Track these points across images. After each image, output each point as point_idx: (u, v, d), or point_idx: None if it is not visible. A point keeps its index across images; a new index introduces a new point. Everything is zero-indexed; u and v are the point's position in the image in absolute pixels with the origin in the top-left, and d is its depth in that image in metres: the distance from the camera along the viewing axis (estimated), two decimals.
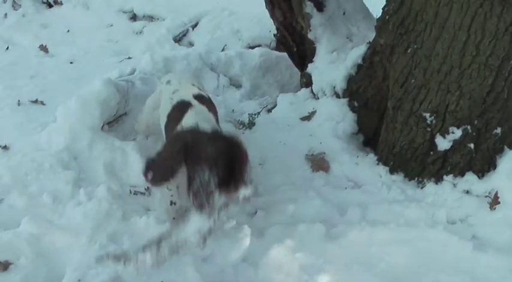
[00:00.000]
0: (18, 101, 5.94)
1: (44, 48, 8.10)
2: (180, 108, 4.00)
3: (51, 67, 7.30)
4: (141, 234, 3.87)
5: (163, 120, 4.17)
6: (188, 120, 3.77)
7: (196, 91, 4.25)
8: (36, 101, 5.98)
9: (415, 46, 4.33)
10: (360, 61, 5.10)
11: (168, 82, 4.50)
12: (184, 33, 8.47)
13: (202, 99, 4.16)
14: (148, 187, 4.47)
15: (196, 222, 3.35)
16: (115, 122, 5.22)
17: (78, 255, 3.68)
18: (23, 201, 4.13)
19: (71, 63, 7.60)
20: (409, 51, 4.38)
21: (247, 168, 3.48)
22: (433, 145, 4.40)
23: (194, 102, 4.05)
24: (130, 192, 4.47)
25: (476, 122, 4.24)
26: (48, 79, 6.78)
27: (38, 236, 3.78)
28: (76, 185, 4.32)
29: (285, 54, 6.51)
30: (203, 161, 3.32)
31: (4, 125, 5.43)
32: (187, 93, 4.19)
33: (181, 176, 3.45)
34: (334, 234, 3.98)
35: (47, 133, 4.83)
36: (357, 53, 5.13)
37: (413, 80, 4.38)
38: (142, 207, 4.33)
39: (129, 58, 7.45)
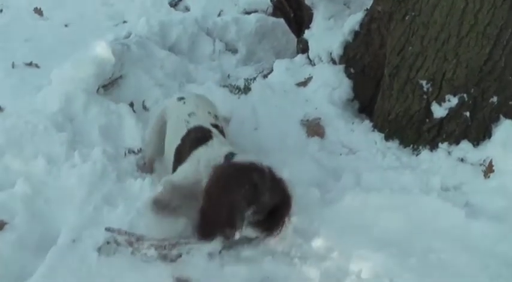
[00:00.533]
0: (13, 63, 5.95)
1: (38, 11, 8.02)
2: (199, 134, 3.87)
3: (46, 30, 7.29)
4: (135, 197, 3.92)
5: (173, 141, 4.01)
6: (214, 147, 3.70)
7: (213, 121, 4.09)
8: (30, 64, 6.00)
9: (413, 13, 4.35)
10: (357, 28, 5.11)
11: (182, 100, 4.29)
12: None
13: (218, 129, 4.02)
14: (141, 148, 4.53)
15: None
16: (110, 85, 5.23)
17: (73, 216, 3.71)
18: (18, 162, 4.15)
19: (66, 26, 7.59)
20: (407, 18, 4.40)
21: (288, 220, 3.48)
22: (429, 113, 4.43)
23: (215, 131, 3.93)
24: (125, 155, 4.50)
25: (472, 90, 4.27)
26: (43, 42, 6.78)
27: (32, 196, 3.82)
28: (71, 147, 4.34)
29: (281, 20, 6.52)
30: (256, 202, 3.25)
31: None
32: (205, 120, 4.04)
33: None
34: (329, 199, 4.01)
35: (42, 95, 4.85)
36: (354, 19, 5.13)
37: (410, 48, 4.39)
38: (136, 170, 4.36)
39: (125, 22, 7.45)
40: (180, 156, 3.86)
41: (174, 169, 3.85)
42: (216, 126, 4.03)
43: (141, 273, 3.27)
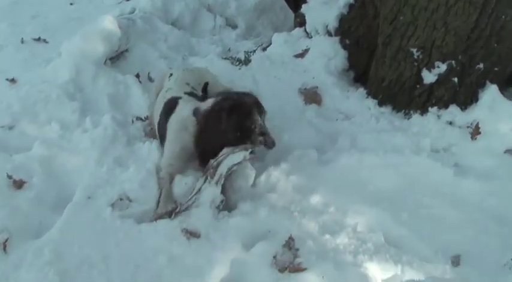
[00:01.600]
0: (22, 38, 6.17)
1: None
2: (167, 106, 4.26)
3: (52, 8, 7.48)
4: (145, 159, 4.16)
5: (156, 118, 4.40)
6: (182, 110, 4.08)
7: (188, 90, 4.48)
8: (39, 39, 6.22)
9: None
10: (351, 1, 5.30)
11: (170, 77, 4.71)
12: None
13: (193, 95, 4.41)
14: (147, 115, 4.76)
15: (208, 194, 3.68)
16: (117, 58, 5.48)
17: (87, 176, 3.94)
18: (33, 128, 4.40)
19: (71, 4, 7.79)
20: None
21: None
22: (419, 79, 4.63)
23: (183, 96, 4.31)
24: (133, 122, 4.73)
25: (460, 57, 4.47)
26: (50, 19, 6.99)
27: (49, 158, 4.07)
28: (82, 114, 4.59)
29: None
30: (251, 107, 3.81)
31: (9, 60, 5.69)
32: (179, 91, 4.43)
33: None
34: (326, 159, 4.23)
35: (53, 67, 5.10)
36: None
37: (402, 17, 4.58)
38: (144, 135, 4.60)
39: (128, 0, 7.58)
40: (160, 130, 4.25)
41: (162, 144, 4.22)
42: (191, 93, 4.41)
43: (151, 225, 3.52)
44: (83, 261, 3.26)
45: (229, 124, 3.79)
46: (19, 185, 3.79)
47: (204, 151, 3.90)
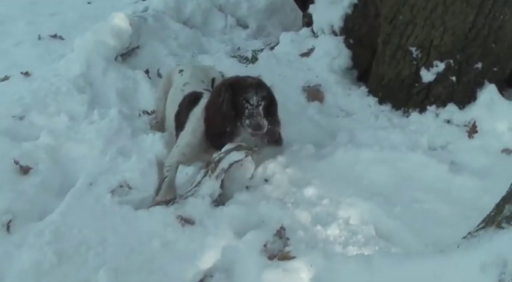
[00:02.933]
0: (39, 35, 6.38)
1: None
2: (192, 97, 4.40)
3: (69, 6, 7.73)
4: (147, 149, 4.31)
5: (172, 108, 4.53)
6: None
7: (205, 87, 4.65)
8: (55, 36, 6.44)
9: None
10: (355, 0, 5.39)
11: (181, 72, 4.83)
12: None
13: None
14: (153, 110, 4.90)
15: (207, 187, 3.81)
16: (128, 54, 5.63)
17: (90, 165, 4.10)
18: (42, 118, 4.56)
19: (89, 3, 8.03)
20: None
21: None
22: (418, 77, 4.72)
23: (206, 92, 4.45)
24: (139, 115, 4.87)
25: (458, 56, 4.55)
26: (67, 17, 7.21)
27: (55, 147, 4.23)
28: (90, 107, 4.75)
29: None
30: (249, 86, 3.87)
31: (26, 55, 5.91)
32: (198, 87, 4.59)
33: None
34: (323, 153, 4.33)
35: (65, 61, 5.28)
36: None
37: (401, 17, 4.68)
38: (149, 128, 4.73)
39: (144, 0, 7.75)
40: (179, 120, 4.36)
41: (177, 134, 4.34)
42: (208, 90, 4.54)
43: (147, 211, 3.66)
44: (81, 242, 3.40)
45: (225, 98, 3.92)
46: (25, 171, 3.95)
47: (209, 131, 4.05)
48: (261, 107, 3.90)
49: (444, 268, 2.13)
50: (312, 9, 5.93)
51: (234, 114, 3.93)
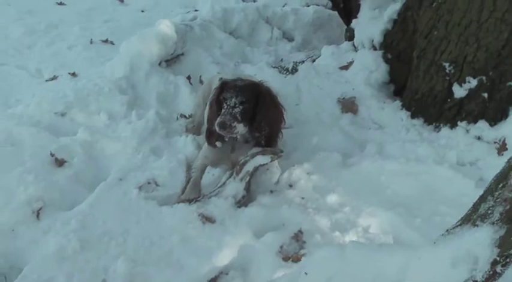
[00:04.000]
0: (91, 40, 6.68)
1: None
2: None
3: (124, 14, 8.04)
4: (179, 150, 4.50)
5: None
6: None
7: None
8: (106, 41, 6.72)
9: (440, 0, 4.66)
10: (395, 16, 5.41)
11: (221, 80, 4.91)
12: None
13: None
14: (191, 114, 5.05)
15: (231, 189, 3.95)
16: (172, 61, 5.83)
17: (123, 161, 4.31)
18: (82, 116, 4.79)
19: (142, 11, 8.33)
20: (434, 5, 4.72)
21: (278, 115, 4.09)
22: (450, 93, 4.70)
23: None
24: (177, 119, 5.05)
25: (491, 73, 4.51)
26: (120, 24, 7.52)
27: (91, 143, 4.45)
28: (130, 108, 4.96)
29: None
30: (232, 88, 3.90)
31: (76, 58, 6.20)
32: None
33: None
34: (349, 163, 4.39)
35: (111, 64, 5.51)
36: (393, 8, 5.43)
37: (436, 32, 4.70)
38: (185, 131, 4.89)
39: (196, 11, 7.97)
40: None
41: None
42: None
43: (171, 208, 3.82)
44: (105, 233, 3.60)
45: (214, 98, 4.06)
46: (60, 163, 4.18)
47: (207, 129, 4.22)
48: (237, 109, 3.90)
49: (414, 261, 2.18)
50: (354, 23, 5.99)
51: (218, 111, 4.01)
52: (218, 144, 4.12)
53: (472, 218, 2.17)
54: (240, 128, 3.93)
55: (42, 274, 3.28)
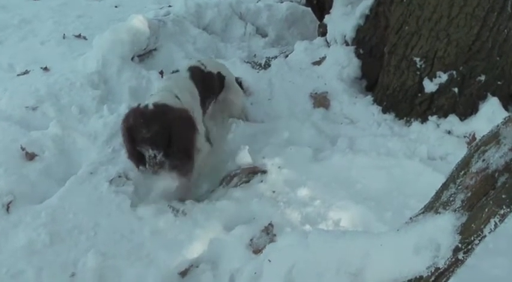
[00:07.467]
0: (64, 35, 6.61)
1: None
2: None
3: (97, 9, 8.00)
4: None
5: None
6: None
7: None
8: (79, 36, 6.66)
9: None
10: (367, 12, 5.44)
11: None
12: None
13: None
14: None
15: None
16: (145, 56, 5.80)
17: (94, 155, 4.30)
18: (54, 110, 4.74)
19: (116, 7, 8.28)
20: (405, 0, 4.74)
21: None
22: (421, 88, 4.75)
23: None
24: None
25: (461, 68, 4.57)
26: (93, 19, 7.46)
27: (62, 136, 4.42)
28: (101, 102, 4.93)
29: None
30: (143, 142, 3.66)
31: (49, 53, 6.15)
32: None
33: None
34: (320, 157, 4.40)
35: (83, 59, 5.47)
36: (365, 4, 5.46)
37: (407, 27, 4.73)
38: None
39: (170, 6, 7.90)
40: None
41: None
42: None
43: (142, 201, 3.87)
44: (75, 226, 3.61)
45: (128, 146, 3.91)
46: (31, 157, 4.16)
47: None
48: (157, 156, 3.69)
49: (377, 248, 2.20)
50: (327, 19, 6.00)
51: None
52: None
53: (434, 205, 2.19)
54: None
55: (11, 268, 3.29)
